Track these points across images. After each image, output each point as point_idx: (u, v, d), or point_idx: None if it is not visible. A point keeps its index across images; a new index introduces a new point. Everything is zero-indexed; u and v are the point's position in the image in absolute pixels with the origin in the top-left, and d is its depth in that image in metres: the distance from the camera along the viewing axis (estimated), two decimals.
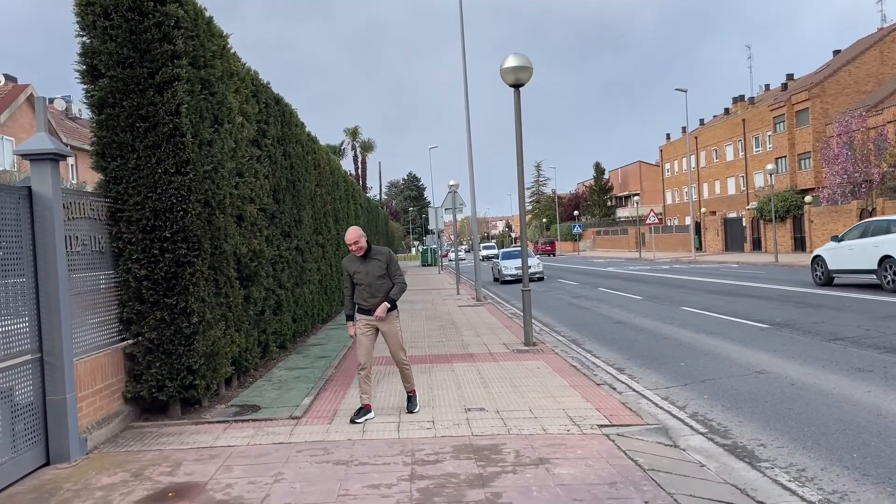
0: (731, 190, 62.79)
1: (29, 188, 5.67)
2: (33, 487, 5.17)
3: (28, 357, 5.53)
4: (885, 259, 16.37)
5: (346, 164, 56.66)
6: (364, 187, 61.38)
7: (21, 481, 5.30)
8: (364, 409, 6.87)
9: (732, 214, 54.88)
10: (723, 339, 11.22)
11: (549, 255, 66.86)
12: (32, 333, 5.60)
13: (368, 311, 6.93)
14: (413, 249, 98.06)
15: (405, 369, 7.13)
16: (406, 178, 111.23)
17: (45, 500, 4.88)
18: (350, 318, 7.06)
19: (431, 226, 28.99)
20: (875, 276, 16.91)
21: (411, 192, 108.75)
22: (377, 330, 7.01)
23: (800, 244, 42.36)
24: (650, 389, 8.18)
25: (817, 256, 19.41)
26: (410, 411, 7.03)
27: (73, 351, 5.90)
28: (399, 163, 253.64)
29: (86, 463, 5.71)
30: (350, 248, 6.89)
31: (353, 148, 68.45)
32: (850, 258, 17.75)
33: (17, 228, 5.50)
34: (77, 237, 6.21)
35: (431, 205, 43.99)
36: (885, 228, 16.90)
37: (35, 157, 5.70)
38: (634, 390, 8.16)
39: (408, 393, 7.21)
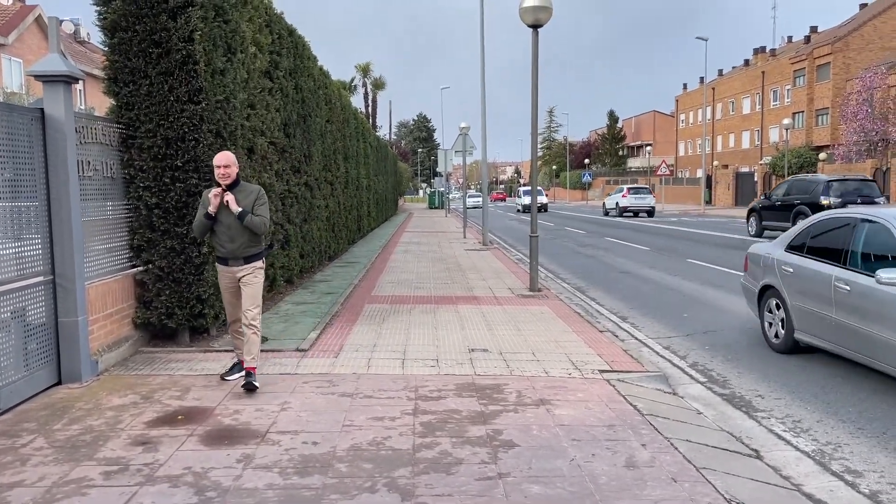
0: (746, 144, 62.00)
1: (41, 110, 5.64)
2: (45, 405, 5.31)
3: (40, 279, 5.60)
4: None
5: (357, 102, 56.02)
6: (374, 126, 60.80)
7: (34, 398, 5.44)
8: (238, 366, 6.02)
9: (745, 169, 54.30)
10: (727, 293, 11.26)
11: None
12: (45, 256, 5.66)
13: (226, 260, 5.81)
14: (421, 191, 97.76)
15: (252, 332, 5.75)
16: (416, 118, 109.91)
17: (57, 417, 5.02)
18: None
19: (440, 168, 28.83)
20: None
21: (421, 133, 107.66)
22: (238, 280, 5.84)
23: None
24: (652, 338, 8.26)
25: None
26: (247, 389, 5.60)
27: (85, 275, 5.97)
28: (410, 103, 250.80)
29: (97, 384, 5.84)
30: (216, 174, 5.71)
31: (364, 85, 67.46)
32: None
33: (30, 150, 5.50)
34: (89, 162, 6.21)
35: (441, 147, 43.66)
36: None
37: (48, 79, 5.65)
38: (636, 338, 8.25)
39: (246, 369, 5.74)
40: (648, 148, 67.11)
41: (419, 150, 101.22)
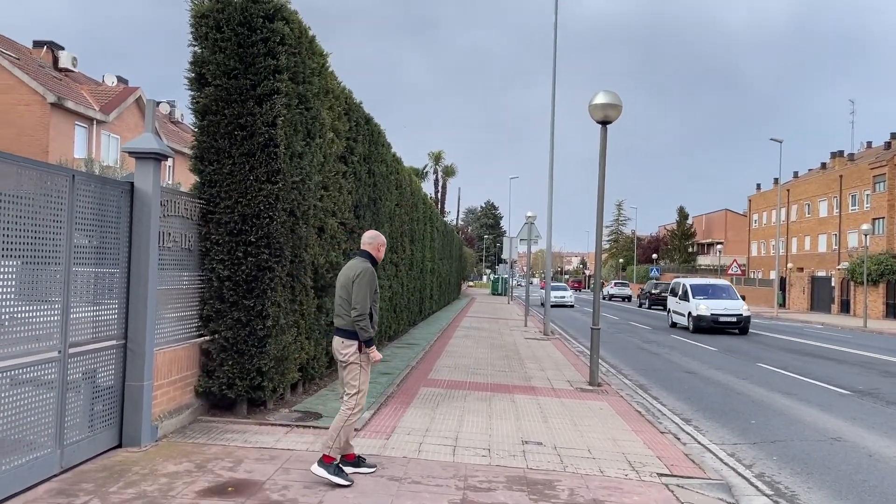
0: (822, 247, 60.13)
1: (132, 184, 6.04)
2: (104, 467, 5.44)
3: (113, 342, 5.85)
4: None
5: (427, 187, 57.67)
6: (442, 211, 62.03)
7: (94, 459, 5.58)
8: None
9: (821, 273, 52.45)
10: (798, 401, 10.73)
11: (577, 291, 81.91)
12: (119, 320, 5.93)
13: (373, 340, 5.66)
14: (485, 277, 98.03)
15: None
16: (484, 205, 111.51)
17: (114, 480, 5.13)
18: (371, 341, 5.58)
19: (505, 255, 29.03)
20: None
21: (488, 219, 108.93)
22: None
23: (892, 311, 40.04)
24: (716, 444, 7.90)
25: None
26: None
27: (155, 341, 6.20)
28: (479, 190, 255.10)
29: (154, 450, 5.96)
30: (377, 255, 5.77)
31: (436, 172, 69.30)
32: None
33: (118, 221, 5.86)
34: (170, 234, 6.55)
35: (507, 234, 44.03)
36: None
37: (140, 155, 6.08)
38: (699, 443, 7.90)
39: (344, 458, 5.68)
40: (719, 246, 65.93)
41: (485, 236, 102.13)
